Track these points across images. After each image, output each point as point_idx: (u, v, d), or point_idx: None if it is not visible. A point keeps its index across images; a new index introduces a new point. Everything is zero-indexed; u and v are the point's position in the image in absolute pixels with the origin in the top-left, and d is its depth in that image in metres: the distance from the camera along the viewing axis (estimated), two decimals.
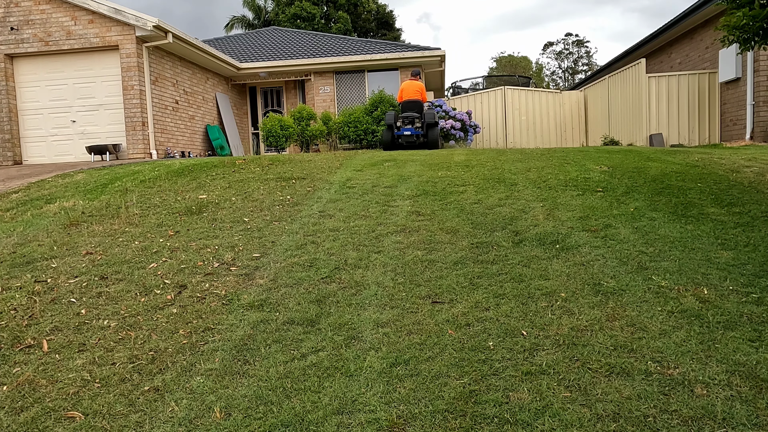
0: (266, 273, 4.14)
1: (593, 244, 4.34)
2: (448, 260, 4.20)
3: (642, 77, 12.68)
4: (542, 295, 3.49)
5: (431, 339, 3.02)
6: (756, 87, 10.89)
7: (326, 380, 2.67)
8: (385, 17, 34.59)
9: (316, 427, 2.31)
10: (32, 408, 2.59)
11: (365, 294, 3.68)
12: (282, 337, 3.14)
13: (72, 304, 3.76)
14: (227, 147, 15.05)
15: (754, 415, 2.22)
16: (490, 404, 2.39)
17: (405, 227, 5.03)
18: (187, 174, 8.11)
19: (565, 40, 56.82)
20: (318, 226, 5.19)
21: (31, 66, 12.28)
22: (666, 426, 2.19)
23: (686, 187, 5.95)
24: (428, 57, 15.67)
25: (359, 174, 7.40)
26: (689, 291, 3.41)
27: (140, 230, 5.38)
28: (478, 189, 6.26)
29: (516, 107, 16.61)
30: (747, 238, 4.35)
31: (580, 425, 2.22)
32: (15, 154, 12.21)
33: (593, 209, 5.26)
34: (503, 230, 4.83)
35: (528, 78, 28.88)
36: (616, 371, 2.59)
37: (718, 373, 2.52)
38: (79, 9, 11.80)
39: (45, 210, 6.38)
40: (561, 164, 7.44)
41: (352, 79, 16.48)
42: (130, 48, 11.72)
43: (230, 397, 2.57)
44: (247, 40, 19.80)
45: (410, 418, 2.33)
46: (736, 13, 5.08)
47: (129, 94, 11.81)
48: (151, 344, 3.16)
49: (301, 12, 29.19)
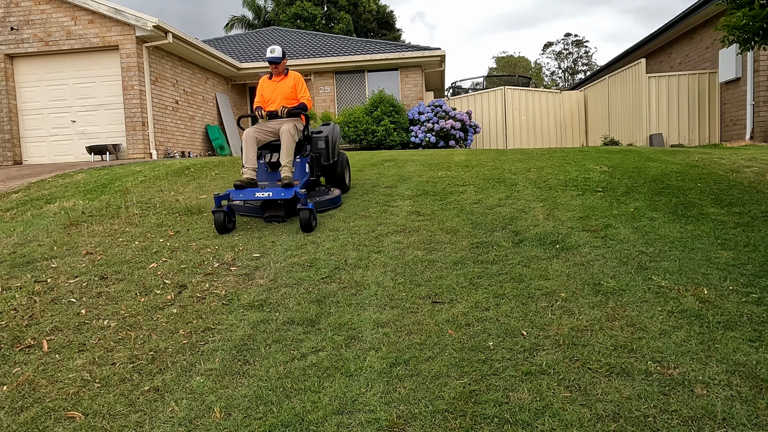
0: (266, 273, 4.14)
1: (593, 244, 4.34)
2: (448, 260, 4.19)
3: (642, 77, 12.68)
4: (542, 295, 3.49)
5: (431, 339, 3.02)
6: (756, 87, 10.89)
7: (326, 380, 2.67)
8: (386, 17, 34.60)
9: (316, 427, 2.31)
10: (32, 408, 2.59)
11: (365, 294, 3.68)
12: (282, 337, 3.14)
13: (72, 304, 3.76)
14: (227, 147, 15.05)
15: (754, 415, 2.22)
16: (490, 404, 2.39)
17: (405, 227, 5.03)
18: (187, 174, 8.11)
19: (564, 40, 56.84)
20: (318, 225, 5.19)
21: (31, 66, 12.28)
22: (666, 426, 2.19)
23: (686, 187, 5.95)
24: (428, 57, 15.67)
25: (359, 174, 7.39)
26: (689, 291, 3.41)
27: (140, 230, 5.38)
28: (478, 189, 6.26)
29: (516, 107, 16.61)
30: (747, 238, 4.34)
31: (580, 425, 2.22)
32: (15, 154, 12.21)
33: (593, 209, 5.26)
34: (503, 230, 4.83)
35: (528, 78, 28.90)
36: (616, 371, 2.59)
37: (718, 373, 2.52)
38: (79, 9, 11.80)
39: (45, 210, 6.38)
40: (561, 164, 7.44)
41: (352, 79, 16.48)
42: (130, 48, 11.72)
43: (230, 397, 2.57)
44: (247, 40, 19.80)
45: (410, 418, 2.33)
46: (736, 13, 5.08)
47: (129, 94, 11.81)
48: (151, 344, 3.16)
49: (303, 12, 29.18)
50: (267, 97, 5.87)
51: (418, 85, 16.15)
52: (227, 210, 5.02)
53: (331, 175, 6.30)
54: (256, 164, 5.44)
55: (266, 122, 5.74)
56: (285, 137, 5.40)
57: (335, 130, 6.34)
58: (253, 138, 5.50)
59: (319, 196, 5.70)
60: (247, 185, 5.19)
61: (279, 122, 5.67)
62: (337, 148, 6.37)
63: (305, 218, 4.89)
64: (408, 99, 16.00)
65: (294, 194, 5.04)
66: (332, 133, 6.19)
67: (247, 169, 5.36)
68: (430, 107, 14.63)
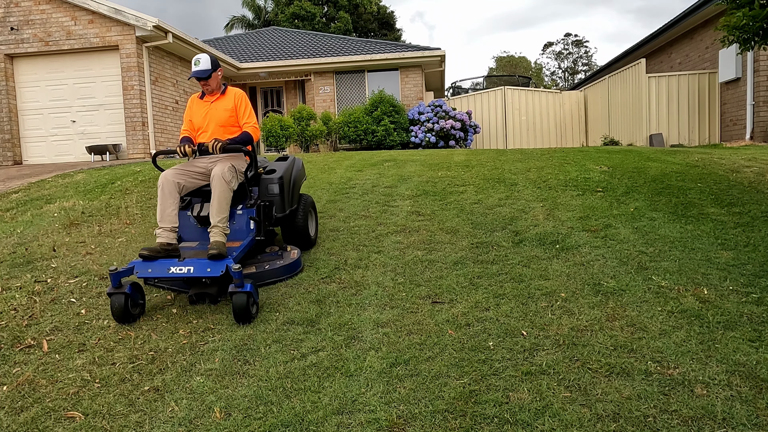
0: None
1: (593, 244, 4.34)
2: (448, 260, 4.19)
3: (642, 77, 12.68)
4: (542, 295, 3.49)
5: (431, 339, 3.02)
6: (756, 87, 10.89)
7: (326, 380, 2.67)
8: (386, 18, 34.59)
9: (316, 427, 2.31)
10: (32, 408, 2.59)
11: (365, 294, 3.68)
12: (282, 337, 3.14)
13: (72, 304, 3.76)
14: None
15: (754, 415, 2.22)
16: (490, 404, 2.39)
17: (405, 227, 5.03)
18: None
19: (564, 40, 56.84)
20: (318, 225, 5.19)
21: (31, 66, 12.28)
22: (666, 426, 2.19)
23: (686, 187, 5.95)
24: (428, 57, 15.66)
25: (359, 174, 7.39)
26: (689, 291, 3.41)
27: (140, 230, 5.38)
28: (478, 189, 6.26)
29: (516, 107, 16.61)
30: (747, 238, 4.34)
31: (580, 425, 2.22)
32: (15, 154, 12.21)
33: (593, 209, 5.26)
34: (503, 230, 4.83)
35: (528, 78, 28.91)
36: (616, 371, 2.59)
37: (718, 373, 2.52)
38: (79, 9, 11.80)
39: (45, 210, 6.38)
40: (561, 164, 7.44)
41: (352, 79, 16.48)
42: (130, 48, 11.72)
43: (230, 397, 2.57)
44: (247, 40, 19.80)
45: (410, 418, 2.33)
46: (736, 13, 5.08)
47: (129, 94, 11.81)
48: (151, 344, 3.16)
49: (300, 11, 29.17)
50: (197, 124, 4.20)
51: (418, 85, 16.15)
52: (130, 291, 3.46)
53: (289, 228, 4.51)
54: (177, 221, 3.80)
55: (195, 160, 4.12)
56: (217, 185, 3.78)
57: (296, 165, 4.73)
58: (172, 184, 3.83)
59: (269, 262, 4.09)
60: (159, 254, 3.59)
61: (212, 160, 4.08)
62: (299, 190, 4.71)
63: (240, 305, 3.32)
64: (408, 99, 16.00)
65: (225, 270, 3.44)
66: (291, 171, 4.58)
67: (163, 230, 3.73)
68: (430, 107, 14.63)
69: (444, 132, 13.95)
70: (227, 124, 4.15)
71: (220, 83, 4.23)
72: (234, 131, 4.15)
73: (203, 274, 3.45)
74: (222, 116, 4.14)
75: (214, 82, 4.15)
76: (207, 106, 4.18)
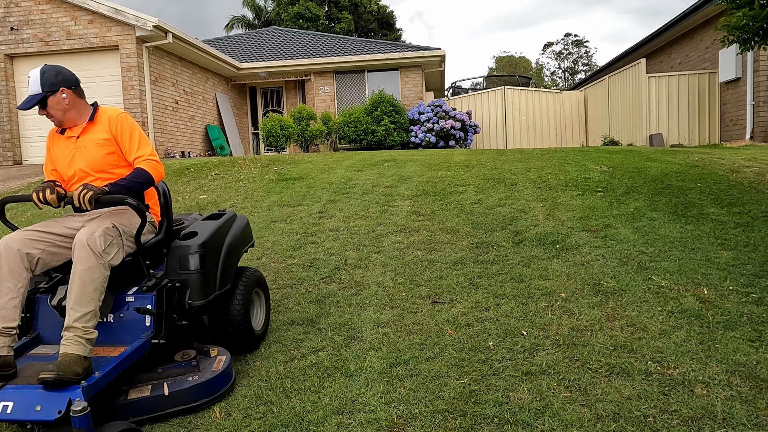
0: (266, 273, 4.14)
1: (593, 244, 4.34)
2: (448, 260, 4.19)
3: (642, 77, 12.68)
4: (542, 295, 3.49)
5: (431, 339, 3.02)
6: (756, 87, 10.89)
7: (326, 380, 2.67)
8: (386, 17, 34.60)
9: (316, 427, 2.31)
10: None
11: (365, 294, 3.68)
12: (282, 337, 3.14)
13: None
14: (227, 147, 15.05)
15: (754, 415, 2.22)
16: (490, 404, 2.39)
17: (405, 227, 5.03)
18: (188, 174, 8.11)
19: (564, 40, 56.84)
20: (318, 226, 5.19)
21: (31, 66, 12.27)
22: (666, 426, 2.19)
23: (686, 187, 5.95)
24: (428, 57, 15.66)
25: (359, 174, 7.39)
26: (689, 291, 3.41)
27: None
28: (478, 189, 6.26)
29: (516, 107, 16.61)
30: (747, 238, 4.34)
31: (580, 425, 2.22)
32: (15, 154, 12.21)
33: (593, 209, 5.26)
34: (503, 230, 4.83)
35: (528, 78, 28.91)
36: (616, 371, 2.59)
37: (718, 373, 2.52)
38: (79, 9, 11.80)
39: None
40: (561, 164, 7.44)
41: (352, 79, 16.48)
42: (130, 48, 11.72)
43: (230, 397, 2.57)
44: (247, 40, 19.80)
45: (410, 418, 2.33)
46: (736, 13, 5.08)
47: (129, 94, 11.81)
48: None
49: (306, 12, 29.17)
50: (63, 171, 2.76)
51: (418, 85, 16.15)
52: None
53: (220, 319, 2.95)
54: (18, 317, 2.35)
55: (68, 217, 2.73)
56: (80, 259, 2.34)
57: (236, 225, 3.22)
58: (17, 258, 2.39)
59: (175, 378, 2.55)
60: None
61: (91, 218, 2.66)
62: (237, 262, 3.10)
63: None
64: (408, 99, 16.00)
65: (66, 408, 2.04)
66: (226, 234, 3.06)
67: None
68: (430, 107, 14.63)
69: (444, 132, 13.95)
70: (106, 165, 2.72)
71: (79, 108, 2.74)
72: (120, 173, 2.73)
73: (27, 417, 2.06)
74: (94, 155, 2.70)
75: (58, 109, 2.67)
76: (71, 145, 2.74)
